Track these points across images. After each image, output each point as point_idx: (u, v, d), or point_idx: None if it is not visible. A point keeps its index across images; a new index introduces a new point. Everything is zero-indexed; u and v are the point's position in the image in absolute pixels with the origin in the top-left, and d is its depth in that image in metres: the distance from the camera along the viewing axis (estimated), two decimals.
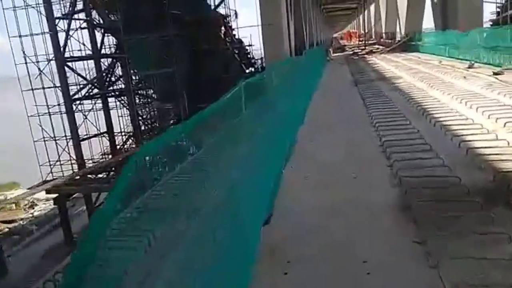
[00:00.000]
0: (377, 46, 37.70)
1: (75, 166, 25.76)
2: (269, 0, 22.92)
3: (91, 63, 26.27)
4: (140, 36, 21.45)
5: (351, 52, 35.02)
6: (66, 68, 25.14)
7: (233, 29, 27.97)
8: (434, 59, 17.93)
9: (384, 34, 44.15)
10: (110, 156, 27.88)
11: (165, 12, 21.12)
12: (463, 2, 21.54)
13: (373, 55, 26.72)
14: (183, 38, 22.96)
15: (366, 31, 48.85)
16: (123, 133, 27.38)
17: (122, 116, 27.12)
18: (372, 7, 54.00)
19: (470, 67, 13.29)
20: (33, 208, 34.28)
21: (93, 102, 26.02)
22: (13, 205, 35.44)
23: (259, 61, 28.09)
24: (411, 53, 23.06)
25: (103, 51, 26.89)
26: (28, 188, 29.31)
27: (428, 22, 31.75)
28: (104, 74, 26.70)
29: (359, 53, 32.28)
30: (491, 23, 24.77)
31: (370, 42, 42.76)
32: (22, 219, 32.01)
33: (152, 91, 25.15)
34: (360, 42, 43.79)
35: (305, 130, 7.21)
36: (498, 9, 26.36)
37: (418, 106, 8.50)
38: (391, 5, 40.09)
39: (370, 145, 6.13)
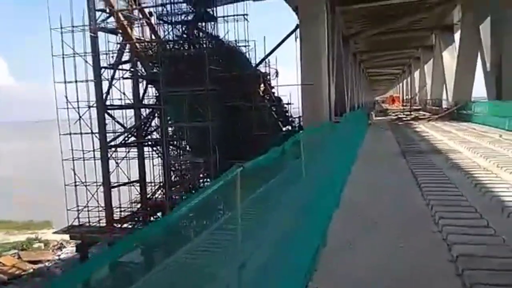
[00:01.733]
0: (422, 112, 35.40)
1: (102, 214, 24.64)
2: (310, 59, 21.65)
3: (129, 112, 25.89)
4: (178, 89, 20.63)
5: (395, 117, 32.86)
6: (106, 116, 24.82)
7: (273, 87, 26.92)
8: (492, 131, 15.57)
9: (429, 101, 41.86)
10: (139, 205, 26.65)
11: (204, 68, 20.27)
12: None
13: (419, 122, 24.46)
14: (220, 93, 21.95)
15: (411, 96, 46.72)
16: (153, 183, 26.21)
17: (154, 166, 26.17)
18: (416, 73, 52.20)
19: None
20: (61, 250, 33.23)
21: (127, 150, 25.25)
22: (42, 245, 34.60)
23: (297, 119, 26.61)
24: (463, 123, 20.66)
25: (144, 102, 26.59)
26: (54, 232, 28.41)
27: (477, 90, 29.51)
28: (142, 123, 26.10)
29: (404, 119, 30.09)
30: None
31: (414, 107, 40.52)
32: (48, 260, 30.91)
33: (185, 143, 24.01)
34: (404, 107, 41.64)
35: (338, 225, 5.21)
36: None
37: (491, 194, 6.35)
38: (437, 72, 38.15)
39: (437, 260, 4.06)
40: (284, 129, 26.42)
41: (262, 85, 25.41)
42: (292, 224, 3.73)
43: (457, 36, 34.05)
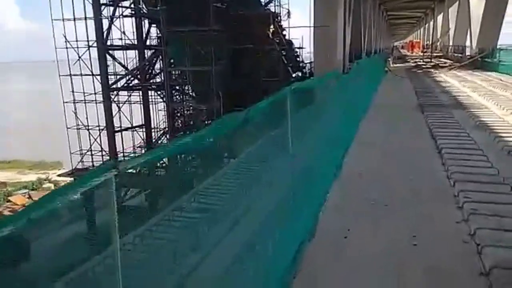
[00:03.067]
0: (444, 60, 32.92)
1: (106, 158, 24.02)
2: None
3: (130, 53, 24.37)
4: (180, 29, 18.96)
5: (414, 64, 30.61)
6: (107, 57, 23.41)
7: (284, 29, 24.86)
8: None
9: (452, 47, 39.03)
10: (143, 151, 25.95)
11: (208, 6, 18.41)
12: None
13: (440, 70, 22.49)
14: (225, 34, 20.20)
15: (432, 42, 43.69)
16: (157, 129, 25.27)
17: (159, 111, 25.10)
18: (439, 17, 48.57)
19: None
20: None
21: (129, 94, 24.08)
22: (52, 185, 34.81)
23: (309, 65, 24.82)
24: (488, 73, 18.74)
25: (147, 43, 24.96)
26: (58, 175, 28.20)
27: (504, 38, 27.02)
28: (145, 65, 24.66)
29: (423, 66, 27.92)
30: None
31: (435, 54, 37.84)
32: None
33: (188, 88, 22.67)
34: (424, 54, 38.94)
35: (333, 207, 4.05)
36: None
37: None
38: (462, 17, 35.07)
39: (463, 266, 2.93)
40: (294, 75, 24.77)
41: (271, 26, 23.41)
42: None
43: None
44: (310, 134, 4.17)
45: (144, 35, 24.88)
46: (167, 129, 24.23)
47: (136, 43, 23.73)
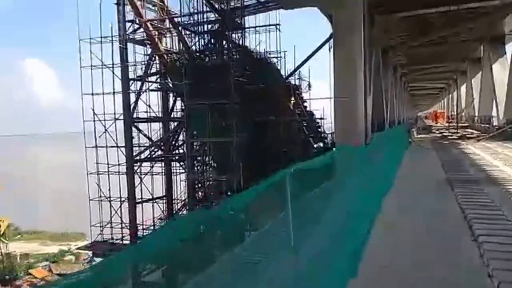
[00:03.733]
0: (470, 131, 32.06)
1: (126, 230, 23.55)
2: (344, 71, 19.64)
3: (154, 125, 24.89)
4: (202, 102, 19.26)
5: (439, 135, 29.83)
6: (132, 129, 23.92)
7: (305, 101, 25.01)
8: None
9: (477, 118, 38.24)
10: (164, 223, 25.39)
11: (230, 80, 18.79)
12: None
13: (467, 141, 21.63)
14: (247, 106, 20.35)
15: (457, 112, 43.14)
16: (178, 200, 24.92)
17: (181, 181, 24.92)
18: (463, 88, 48.43)
19: None
20: (91, 263, 32.68)
21: (151, 165, 24.16)
22: (73, 257, 34.21)
23: (330, 135, 24.48)
24: None
25: (172, 115, 25.56)
26: (77, 248, 27.72)
27: None
28: (169, 137, 25.00)
29: (449, 137, 27.10)
30: None
31: (461, 125, 37.07)
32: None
33: (210, 159, 22.51)
34: (450, 124, 38.21)
35: None
36: None
37: None
38: (486, 86, 34.70)
39: None
40: (315, 146, 24.40)
41: (292, 98, 23.60)
42: None
43: (509, 47, 30.87)
44: (319, 221, 3.56)
45: (169, 108, 25.61)
46: (187, 200, 23.84)
47: (160, 115, 24.32)
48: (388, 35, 31.73)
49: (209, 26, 19.86)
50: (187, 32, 21.40)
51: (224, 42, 20.23)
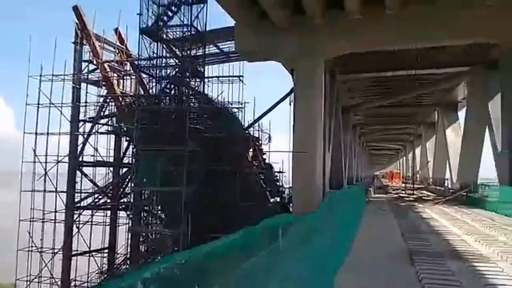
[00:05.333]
0: (426, 193, 32.00)
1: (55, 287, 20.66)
2: (304, 126, 18.98)
3: (101, 170, 22.93)
4: (152, 147, 17.73)
5: (396, 195, 29.42)
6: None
7: (264, 153, 24.00)
8: None
9: (432, 180, 38.63)
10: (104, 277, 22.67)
11: (185, 127, 17.54)
12: None
13: (424, 204, 21.03)
14: (202, 155, 18.99)
15: (412, 173, 43.65)
16: (118, 254, 22.47)
17: (126, 232, 22.59)
18: (418, 150, 49.57)
19: None
20: None
21: (92, 213, 21.86)
22: None
23: (288, 190, 23.32)
24: (475, 209, 17.19)
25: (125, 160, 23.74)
26: None
27: (484, 172, 26.44)
28: (116, 183, 22.98)
29: (406, 198, 26.64)
30: None
31: (416, 186, 37.21)
32: None
33: (158, 210, 20.57)
34: (407, 184, 38.29)
35: None
36: None
37: None
38: (440, 150, 35.36)
39: None
40: (272, 200, 23.08)
41: (251, 149, 22.52)
42: None
43: (461, 113, 31.79)
44: None
45: (122, 152, 23.84)
46: (129, 255, 21.47)
47: (111, 160, 22.49)
48: (349, 94, 32.10)
49: (168, 71, 18.82)
50: (145, 76, 20.25)
51: (184, 88, 19.18)
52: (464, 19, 16.66)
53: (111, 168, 22.82)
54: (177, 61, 18.79)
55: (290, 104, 21.96)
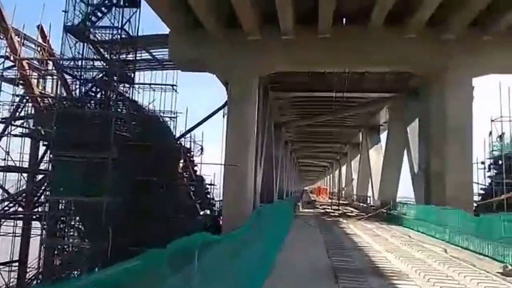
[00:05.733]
0: (350, 209, 33.31)
1: None
2: (236, 139, 18.76)
3: (13, 176, 20.69)
4: (72, 154, 16.27)
5: (323, 211, 30.23)
6: None
7: (196, 165, 23.35)
8: (432, 241, 12.84)
9: (355, 196, 40.43)
10: None
11: (109, 132, 16.36)
12: (451, 177, 17.62)
13: (348, 220, 21.74)
14: (128, 164, 17.85)
15: (338, 190, 45.41)
16: (30, 268, 20.27)
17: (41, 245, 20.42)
18: (344, 168, 51.80)
19: (506, 273, 8.13)
20: None
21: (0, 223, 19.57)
22: None
23: (218, 203, 22.81)
24: (393, 226, 18.06)
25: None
26: None
27: (403, 190, 28.10)
28: (29, 191, 20.82)
29: (332, 214, 27.44)
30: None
31: (341, 202, 38.69)
32: None
33: (76, 222, 18.89)
34: (332, 200, 39.69)
35: None
36: (482, 191, 22.86)
37: None
38: (363, 169, 37.21)
39: None
40: (201, 213, 22.41)
41: (182, 160, 21.72)
42: None
43: (383, 136, 33.74)
44: None
45: (38, 158, 21.75)
46: (41, 269, 19.39)
47: (21, 165, 20.35)
48: (281, 111, 32.63)
49: (95, 74, 17.54)
50: (69, 78, 18.72)
51: (111, 93, 17.97)
52: (390, 48, 17.72)
53: (24, 175, 20.68)
54: (104, 64, 17.61)
55: (223, 116, 21.73)
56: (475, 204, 20.45)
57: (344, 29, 17.33)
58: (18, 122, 20.66)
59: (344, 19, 17.37)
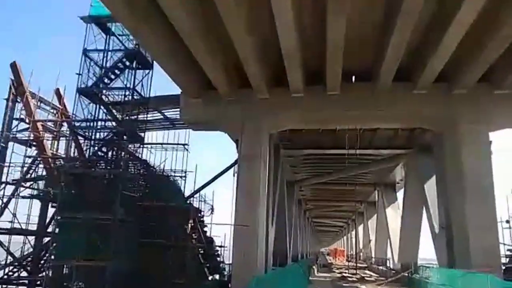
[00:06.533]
0: (369, 273, 31.35)
1: None
2: (247, 197, 18.08)
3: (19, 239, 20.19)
4: (76, 215, 15.86)
5: (339, 275, 28.44)
6: None
7: (205, 225, 22.56)
8: None
9: (374, 259, 38.27)
10: None
11: (117, 192, 16.03)
12: (474, 238, 16.31)
13: (367, 286, 20.21)
14: (134, 225, 17.29)
15: (355, 252, 43.26)
16: None
17: None
18: (360, 228, 49.79)
19: None
20: None
21: None
22: None
23: (228, 266, 21.63)
24: None
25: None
26: None
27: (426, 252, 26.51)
28: (34, 255, 20.19)
29: (349, 279, 25.72)
30: None
31: (359, 265, 36.60)
32: None
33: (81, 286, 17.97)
34: (349, 263, 37.62)
35: None
36: (509, 251, 21.25)
37: None
38: (381, 229, 35.55)
39: None
40: (210, 278, 21.20)
41: (191, 221, 21.00)
42: None
43: (400, 193, 32.60)
44: None
45: (46, 220, 21.35)
46: None
47: (27, 227, 19.93)
48: (294, 169, 32.13)
49: (106, 134, 17.65)
50: (81, 138, 18.88)
51: (121, 152, 17.92)
52: (401, 104, 17.43)
53: (31, 237, 20.19)
54: (115, 123, 17.75)
55: (234, 175, 21.27)
56: (503, 267, 18.87)
57: (353, 86, 17.25)
58: (28, 184, 20.53)
59: (353, 76, 17.37)
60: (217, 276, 21.66)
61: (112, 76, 16.95)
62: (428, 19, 13.02)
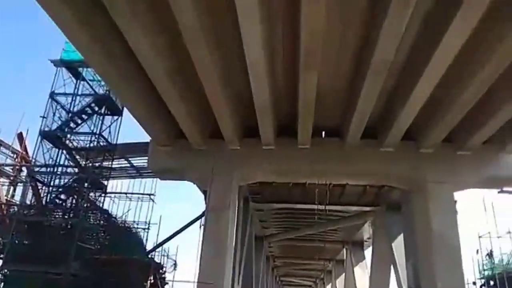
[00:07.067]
0: None
1: None
2: (212, 252, 17.14)
3: None
4: (25, 268, 14.43)
5: None
6: None
7: (167, 282, 21.13)
8: None
9: None
10: None
11: (71, 243, 14.83)
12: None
13: None
14: (89, 280, 15.88)
15: None
16: None
17: None
18: (329, 287, 48.34)
19: None
20: None
21: None
22: None
23: None
24: None
25: None
26: None
27: None
28: None
29: None
30: None
31: None
32: None
33: None
34: None
35: None
36: None
37: None
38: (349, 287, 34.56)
39: None
40: None
41: (151, 277, 19.60)
42: None
43: (368, 252, 32.15)
44: None
45: None
46: None
47: None
48: (263, 224, 31.30)
49: (66, 180, 16.68)
50: (40, 184, 17.75)
51: (80, 200, 16.88)
52: (369, 161, 17.56)
53: None
54: (77, 170, 16.88)
55: (200, 228, 20.34)
56: None
57: (323, 141, 17.37)
58: None
59: (323, 132, 17.55)
60: None
61: (79, 121, 16.38)
62: (395, 76, 13.57)
